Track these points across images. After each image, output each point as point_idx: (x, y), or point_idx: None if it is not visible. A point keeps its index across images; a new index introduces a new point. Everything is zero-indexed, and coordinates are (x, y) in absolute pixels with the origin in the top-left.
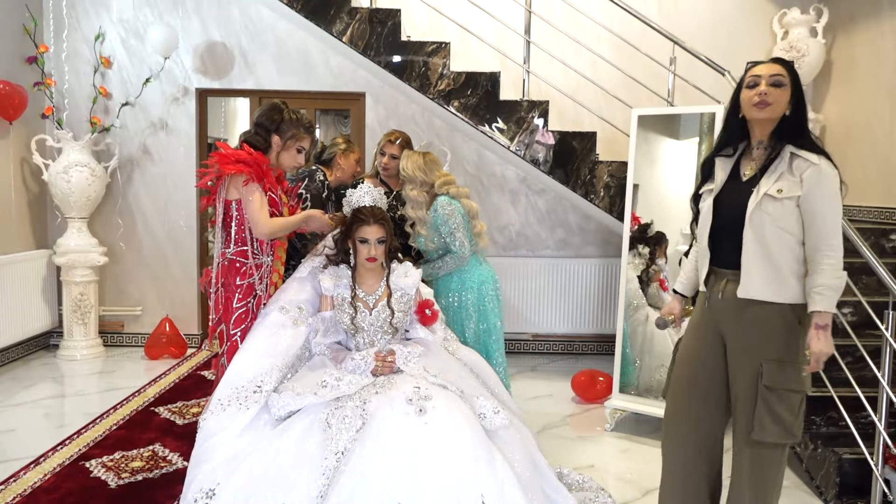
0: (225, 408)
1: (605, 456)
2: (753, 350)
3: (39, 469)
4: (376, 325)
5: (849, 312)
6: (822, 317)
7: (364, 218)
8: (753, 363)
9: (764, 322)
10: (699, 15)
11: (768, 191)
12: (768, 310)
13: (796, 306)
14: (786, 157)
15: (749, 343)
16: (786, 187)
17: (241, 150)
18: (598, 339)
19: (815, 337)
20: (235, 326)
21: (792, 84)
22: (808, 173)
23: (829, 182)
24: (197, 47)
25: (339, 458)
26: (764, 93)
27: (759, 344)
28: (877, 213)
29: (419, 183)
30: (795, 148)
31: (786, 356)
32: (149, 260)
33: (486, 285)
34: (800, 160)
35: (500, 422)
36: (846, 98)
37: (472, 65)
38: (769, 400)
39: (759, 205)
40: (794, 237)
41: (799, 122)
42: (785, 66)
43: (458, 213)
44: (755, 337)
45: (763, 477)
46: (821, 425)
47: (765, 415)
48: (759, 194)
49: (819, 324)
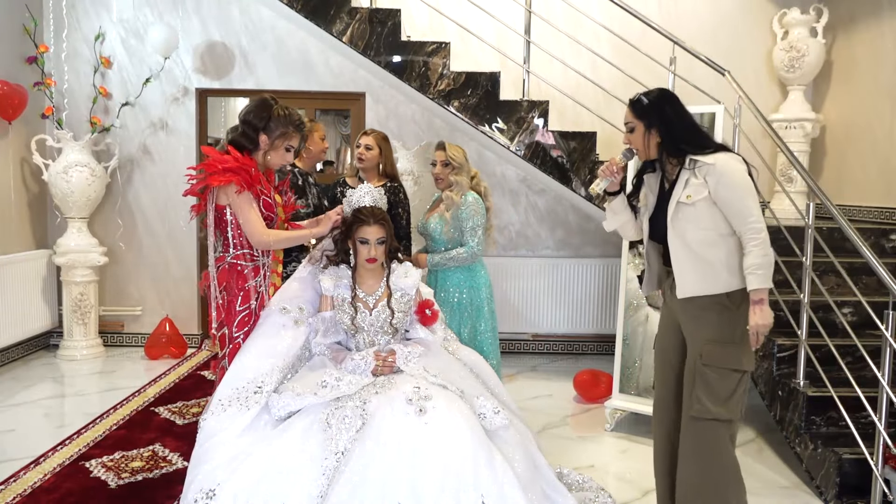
0: (225, 408)
1: (605, 456)
2: (697, 335)
3: (39, 469)
4: (376, 326)
5: (849, 312)
6: (757, 293)
7: (364, 218)
8: (697, 347)
9: (702, 309)
10: (699, 15)
11: (680, 199)
12: (706, 300)
13: (732, 293)
14: (687, 164)
15: (693, 329)
16: (693, 191)
17: (227, 155)
18: (598, 339)
19: (753, 312)
20: (238, 329)
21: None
22: (708, 174)
23: (729, 173)
24: (197, 47)
25: (340, 458)
26: (627, 141)
27: (702, 329)
28: (877, 213)
29: (466, 171)
30: (693, 154)
31: (724, 338)
32: (149, 260)
33: (490, 287)
34: (699, 164)
35: (500, 422)
36: (846, 98)
37: (472, 65)
38: (707, 377)
39: (675, 213)
40: (716, 231)
41: (676, 138)
42: (632, 108)
43: (483, 214)
44: (698, 324)
45: (704, 452)
46: (821, 425)
47: (702, 392)
48: (674, 203)
49: (754, 300)
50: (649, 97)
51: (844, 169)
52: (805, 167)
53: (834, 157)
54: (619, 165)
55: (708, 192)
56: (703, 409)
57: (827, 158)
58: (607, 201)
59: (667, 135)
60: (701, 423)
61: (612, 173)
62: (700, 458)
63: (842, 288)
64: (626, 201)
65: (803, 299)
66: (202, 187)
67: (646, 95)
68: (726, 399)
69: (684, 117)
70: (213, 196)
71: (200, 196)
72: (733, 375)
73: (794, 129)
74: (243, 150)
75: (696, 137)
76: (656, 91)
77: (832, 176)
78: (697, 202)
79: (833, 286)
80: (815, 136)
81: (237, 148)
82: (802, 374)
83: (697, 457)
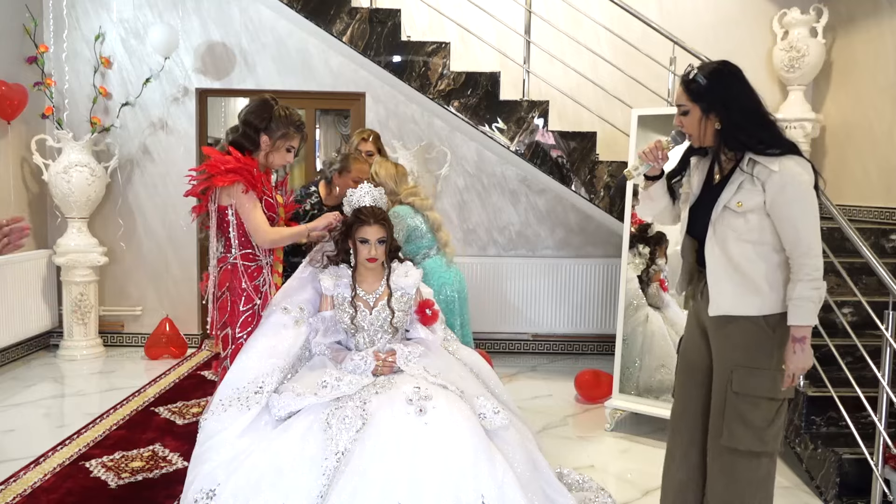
0: (226, 408)
1: (605, 456)
2: (726, 356)
3: (39, 469)
4: (376, 325)
5: (849, 312)
6: (800, 330)
7: (364, 218)
8: (726, 369)
9: (736, 330)
10: (699, 15)
11: (728, 204)
12: (741, 319)
13: (770, 316)
14: (745, 164)
15: (722, 349)
16: (745, 199)
17: (228, 156)
18: (598, 339)
19: (792, 350)
20: (242, 329)
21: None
22: (769, 182)
23: (794, 186)
24: (197, 47)
25: (340, 459)
26: (679, 123)
27: (731, 351)
28: (877, 213)
29: (388, 191)
30: (754, 154)
31: (757, 363)
32: (149, 260)
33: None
34: (760, 167)
35: (500, 422)
36: (846, 98)
37: (472, 65)
38: (739, 406)
39: (720, 218)
40: (766, 246)
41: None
42: (686, 88)
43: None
44: (728, 344)
45: (735, 486)
46: (821, 425)
47: (734, 420)
48: (720, 207)
49: (796, 337)
50: (707, 74)
51: (844, 169)
52: None
53: (834, 157)
54: (666, 150)
55: (763, 201)
56: (735, 440)
57: (827, 158)
58: (643, 185)
59: (728, 122)
60: (732, 453)
61: (655, 158)
62: (735, 494)
63: (842, 288)
64: (666, 186)
65: None
66: (203, 188)
67: (703, 71)
68: (762, 430)
69: (751, 100)
70: (215, 197)
71: (201, 197)
72: (770, 404)
73: (794, 129)
74: (244, 151)
75: (761, 129)
76: (716, 66)
77: (832, 176)
78: (748, 212)
79: (833, 286)
80: (815, 136)
81: (238, 149)
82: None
83: (733, 492)
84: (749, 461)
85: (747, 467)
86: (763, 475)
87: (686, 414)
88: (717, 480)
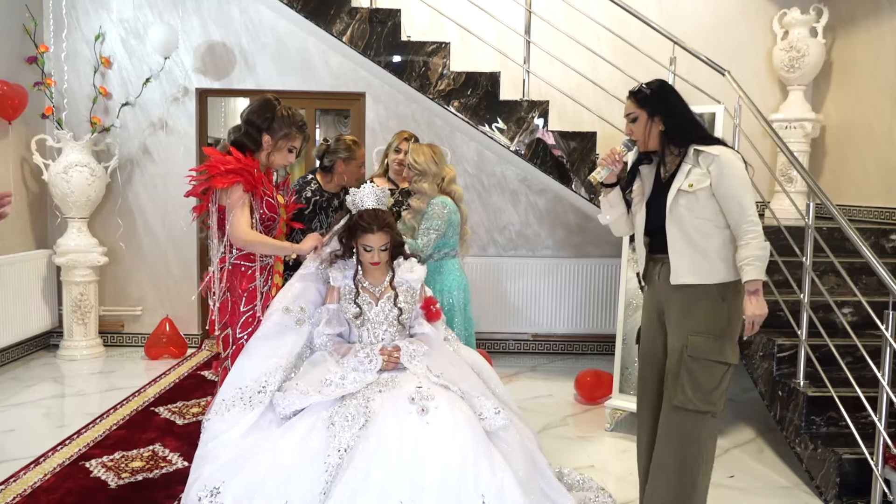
0: (229, 408)
1: (605, 456)
2: (683, 325)
3: (39, 469)
4: (381, 318)
5: (849, 312)
6: (753, 284)
7: (367, 226)
8: (682, 336)
9: (691, 300)
10: (699, 15)
11: (682, 187)
12: (696, 290)
13: (720, 285)
14: (691, 154)
15: (680, 319)
16: (696, 180)
17: (229, 156)
18: (598, 339)
19: (749, 302)
20: (242, 330)
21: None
22: (713, 165)
23: (732, 167)
24: (197, 47)
25: (342, 456)
26: (629, 132)
27: (687, 319)
28: (877, 213)
29: (432, 175)
30: (698, 145)
31: (710, 329)
32: (149, 260)
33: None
34: (704, 154)
35: (500, 422)
36: (846, 98)
37: (472, 65)
38: (692, 369)
39: (675, 200)
40: (713, 223)
41: (679, 128)
42: (634, 98)
43: (446, 219)
44: (685, 314)
45: (684, 444)
46: (821, 425)
47: (687, 383)
48: (675, 190)
49: (751, 290)
50: (651, 87)
51: (844, 169)
52: (805, 167)
53: (834, 157)
54: (621, 154)
55: (709, 183)
56: (686, 400)
57: (827, 158)
58: (603, 193)
59: (670, 123)
60: (682, 413)
61: (613, 161)
62: (683, 452)
63: (842, 288)
64: (622, 194)
65: (803, 299)
66: (204, 189)
67: (647, 85)
68: (710, 391)
69: (685, 107)
70: (215, 197)
71: (202, 197)
72: (718, 368)
73: (794, 129)
74: (246, 151)
75: (698, 128)
76: (657, 81)
77: (832, 176)
78: (698, 191)
79: (833, 286)
80: (815, 136)
81: (239, 148)
82: (802, 374)
83: (675, 444)
84: (695, 419)
85: (693, 425)
86: (707, 433)
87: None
88: (665, 439)
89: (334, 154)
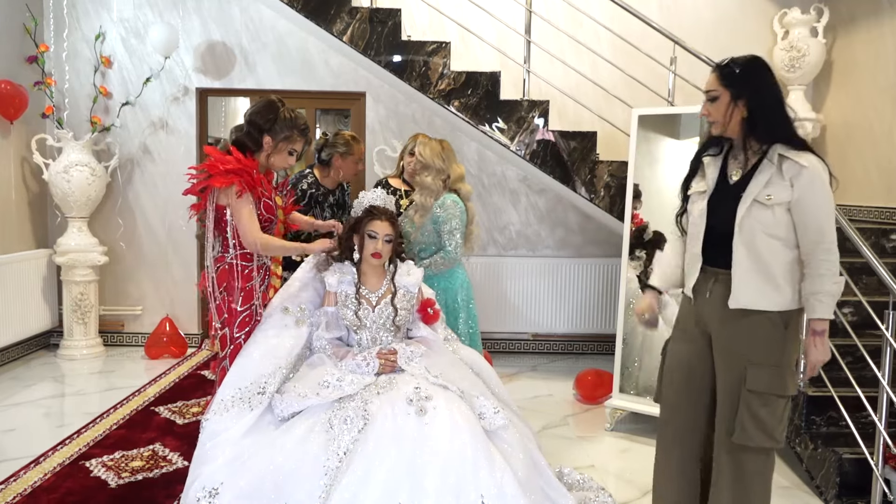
0: (228, 408)
1: (605, 456)
2: (738, 353)
3: (40, 468)
4: (379, 323)
5: (849, 312)
6: (820, 323)
7: (377, 213)
8: (738, 366)
9: (750, 326)
10: (699, 14)
11: (757, 197)
12: (757, 317)
13: (784, 312)
14: (774, 159)
15: (734, 345)
16: (775, 193)
17: (229, 156)
18: (598, 338)
19: (812, 344)
20: (240, 329)
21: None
22: (798, 177)
23: (820, 184)
24: (197, 47)
25: (342, 459)
26: (706, 112)
27: (745, 347)
28: (877, 213)
29: (436, 170)
30: (784, 149)
31: (771, 360)
32: (149, 260)
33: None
34: (789, 162)
35: (500, 422)
36: (846, 98)
37: (472, 64)
38: (752, 404)
39: (748, 211)
40: (784, 242)
41: (765, 120)
42: (719, 73)
43: (462, 215)
44: (741, 340)
45: (744, 481)
46: (821, 425)
47: (747, 418)
48: (748, 200)
49: (816, 330)
50: (742, 62)
51: (844, 169)
52: None
53: (834, 157)
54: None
55: (789, 199)
56: (747, 438)
57: (827, 158)
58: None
59: (757, 111)
60: (744, 452)
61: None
62: (743, 490)
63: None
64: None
65: None
66: (203, 187)
67: (738, 59)
68: (774, 427)
69: (778, 95)
70: (213, 196)
71: (200, 195)
72: (780, 402)
73: None
74: (246, 151)
75: (788, 124)
76: (749, 57)
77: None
78: (775, 206)
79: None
80: (816, 136)
81: (240, 148)
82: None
83: (741, 488)
84: (757, 457)
85: (755, 463)
86: (768, 469)
87: (684, 426)
88: (724, 477)
89: (332, 148)
